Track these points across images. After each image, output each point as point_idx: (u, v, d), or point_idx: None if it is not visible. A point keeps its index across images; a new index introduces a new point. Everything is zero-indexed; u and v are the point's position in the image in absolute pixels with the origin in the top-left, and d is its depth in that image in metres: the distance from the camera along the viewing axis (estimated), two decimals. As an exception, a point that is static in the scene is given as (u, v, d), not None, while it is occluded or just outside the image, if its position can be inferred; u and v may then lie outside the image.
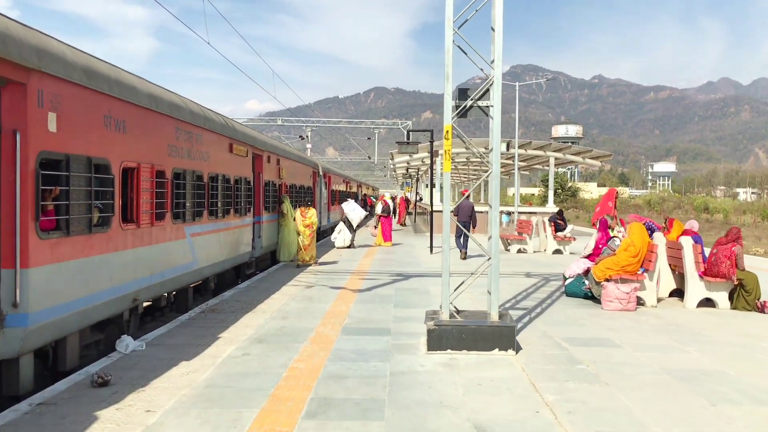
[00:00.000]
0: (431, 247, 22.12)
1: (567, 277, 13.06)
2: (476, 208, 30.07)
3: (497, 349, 7.87)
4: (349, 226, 24.21)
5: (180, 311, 11.63)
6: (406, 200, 49.76)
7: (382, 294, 12.75)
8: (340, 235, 23.97)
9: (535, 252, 22.48)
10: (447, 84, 8.00)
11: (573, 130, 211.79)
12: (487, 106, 8.48)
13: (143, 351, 8.02)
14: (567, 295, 12.73)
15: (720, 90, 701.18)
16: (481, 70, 8.51)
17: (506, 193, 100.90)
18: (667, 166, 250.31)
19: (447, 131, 8.00)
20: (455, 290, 8.39)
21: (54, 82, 6.69)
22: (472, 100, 8.39)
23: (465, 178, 67.56)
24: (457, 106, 8.31)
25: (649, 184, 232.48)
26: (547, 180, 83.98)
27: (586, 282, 12.39)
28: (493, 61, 8.18)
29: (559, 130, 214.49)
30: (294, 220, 18.34)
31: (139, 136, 8.93)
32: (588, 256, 13.26)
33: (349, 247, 23.76)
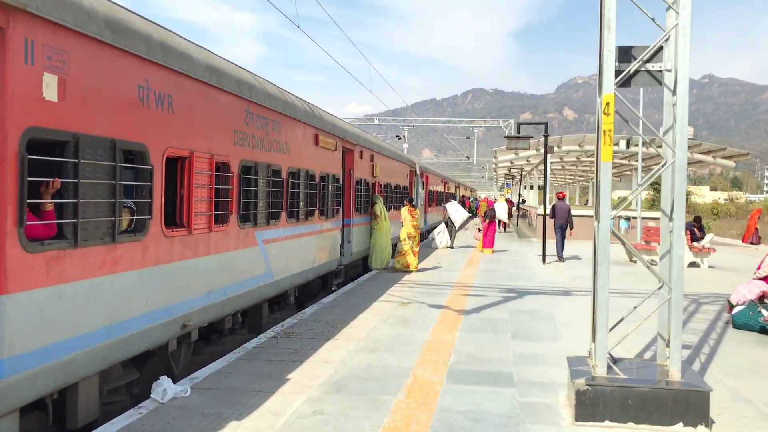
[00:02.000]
0: (544, 255, 19.41)
1: (734, 304, 10.19)
2: (581, 212, 27.70)
3: (681, 424, 5.34)
4: (452, 227, 23.94)
5: (253, 330, 9.74)
6: (510, 202, 46.73)
7: (494, 318, 10.35)
8: (440, 236, 23.93)
9: (666, 264, 19.32)
10: (608, 35, 5.55)
11: (691, 129, 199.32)
12: (661, 71, 5.96)
13: (186, 399, 6.03)
14: (735, 327, 9.87)
15: None
16: (653, 20, 6.00)
17: (613, 196, 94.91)
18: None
19: (607, 103, 5.55)
20: (610, 330, 5.89)
21: (55, 33, 4.77)
22: (640, 61, 5.89)
23: (570, 179, 63.58)
24: (618, 72, 5.84)
25: (766, 188, 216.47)
26: (657, 183, 78.50)
27: (764, 312, 9.52)
28: (674, 2, 5.66)
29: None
30: (385, 219, 16.32)
31: (193, 117, 6.99)
32: (764, 278, 10.35)
33: (449, 247, 23.57)
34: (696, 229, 18.77)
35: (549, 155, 23.86)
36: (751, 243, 28.83)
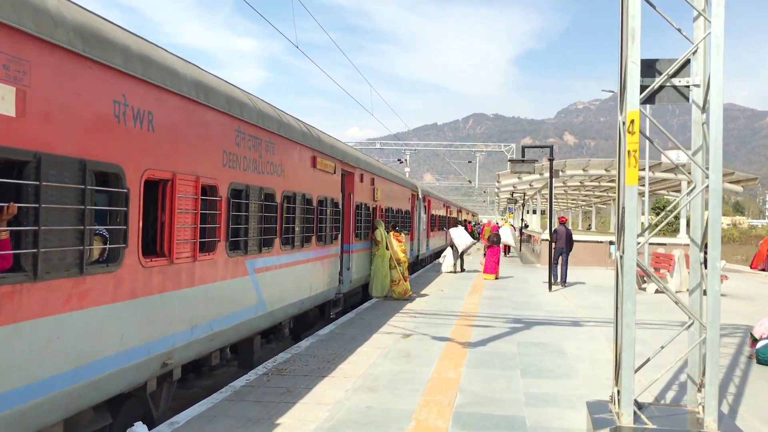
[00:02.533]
0: (550, 282, 18.78)
1: (757, 338, 9.57)
2: (584, 238, 27.50)
3: (720, 483, 4.71)
4: (455, 251, 24.19)
5: (243, 365, 9.12)
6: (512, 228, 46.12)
7: (502, 351, 9.71)
8: (446, 260, 24.38)
9: (677, 292, 18.64)
10: (632, 46, 5.02)
11: (684, 157, 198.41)
12: (688, 86, 5.43)
13: (162, 449, 5.40)
14: (759, 363, 9.24)
15: None
16: (679, 31, 5.48)
17: (609, 221, 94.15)
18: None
19: (632, 121, 5.00)
20: (636, 370, 5.27)
21: (13, 39, 4.24)
22: (665, 76, 5.36)
23: (573, 204, 63.07)
24: (642, 87, 5.30)
25: (767, 213, 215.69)
26: (658, 208, 78.19)
27: (791, 346, 8.89)
28: (704, 9, 5.14)
29: (670, 156, 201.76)
30: (387, 248, 15.75)
31: (176, 136, 6.45)
32: (790, 310, 9.72)
33: (456, 272, 23.91)
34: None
35: (551, 183, 23.35)
36: (763, 270, 28.10)
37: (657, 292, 18.51)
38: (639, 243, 5.06)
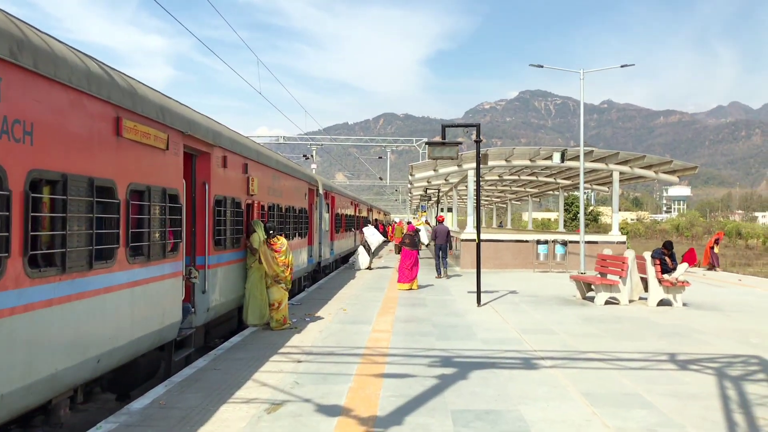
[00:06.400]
0: (478, 294, 15.00)
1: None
2: (506, 237, 26.13)
3: None
4: (368, 249, 25.03)
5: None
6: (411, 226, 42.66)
7: (430, 436, 5.76)
8: (360, 258, 25.05)
9: (630, 302, 15.31)
10: None
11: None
12: None
13: None
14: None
15: (730, 114, 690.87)
16: None
17: (520, 218, 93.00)
18: (681, 191, 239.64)
19: None
20: None
21: None
22: None
23: (486, 201, 60.57)
24: None
25: (664, 208, 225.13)
26: (570, 206, 76.81)
27: None
28: None
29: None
30: (260, 261, 11.60)
31: None
32: None
33: (368, 268, 24.85)
34: (667, 258, 14.86)
35: (478, 167, 19.78)
36: (711, 267, 26.05)
37: (607, 303, 15.16)
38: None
